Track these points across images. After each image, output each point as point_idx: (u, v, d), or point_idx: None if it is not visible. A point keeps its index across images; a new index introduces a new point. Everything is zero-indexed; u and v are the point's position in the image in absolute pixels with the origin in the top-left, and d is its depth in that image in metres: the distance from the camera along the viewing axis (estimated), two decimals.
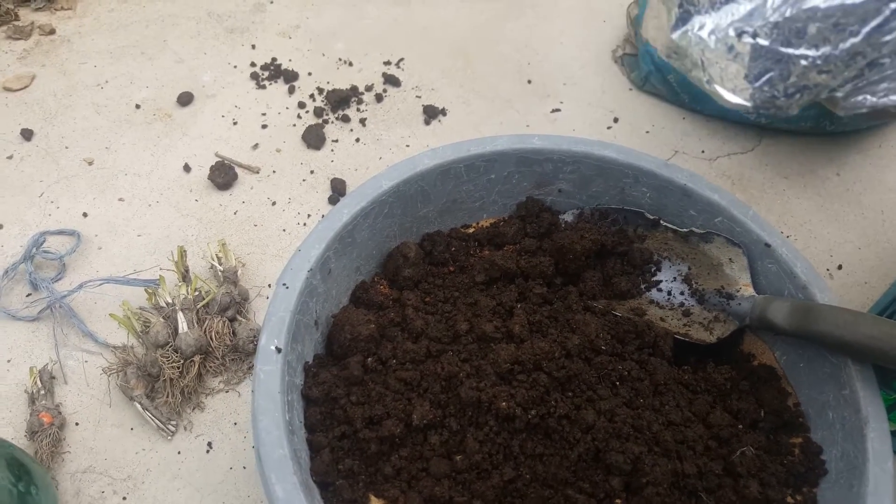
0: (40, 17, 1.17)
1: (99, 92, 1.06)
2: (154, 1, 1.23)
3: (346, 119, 1.05)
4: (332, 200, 0.94)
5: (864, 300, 0.87)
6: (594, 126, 1.06)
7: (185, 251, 0.83)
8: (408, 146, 1.02)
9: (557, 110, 1.09)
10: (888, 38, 0.28)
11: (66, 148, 0.99)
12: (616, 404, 0.55)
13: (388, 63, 1.14)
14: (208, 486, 0.69)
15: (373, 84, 1.10)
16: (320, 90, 1.08)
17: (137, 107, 1.05)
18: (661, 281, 0.68)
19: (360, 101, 1.08)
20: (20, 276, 0.84)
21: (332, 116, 1.05)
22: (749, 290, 0.63)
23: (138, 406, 0.73)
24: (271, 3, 1.24)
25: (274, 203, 0.94)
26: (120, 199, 0.93)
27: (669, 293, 0.67)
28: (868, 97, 0.30)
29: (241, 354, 0.77)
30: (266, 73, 1.10)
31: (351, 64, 1.14)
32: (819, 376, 0.59)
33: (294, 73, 1.10)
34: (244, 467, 0.71)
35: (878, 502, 0.49)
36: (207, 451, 0.72)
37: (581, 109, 1.09)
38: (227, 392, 0.76)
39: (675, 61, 0.34)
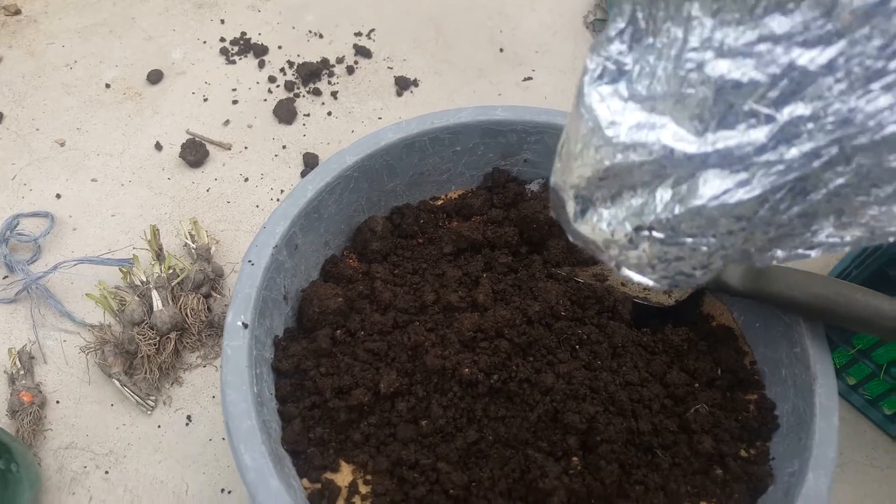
0: None
1: (68, 72, 1.06)
2: None
3: (317, 92, 1.05)
4: (305, 175, 0.94)
5: (828, 259, 0.89)
6: (566, 93, 1.07)
7: (157, 230, 0.83)
8: (380, 118, 1.03)
9: (530, 78, 1.09)
10: (775, 220, 0.29)
11: (37, 130, 0.99)
12: (574, 367, 0.57)
13: (359, 34, 1.14)
14: (188, 458, 0.71)
15: (344, 56, 1.10)
16: (291, 63, 1.08)
17: (107, 86, 1.04)
18: None
19: (331, 74, 1.07)
20: None
21: (303, 90, 1.05)
22: None
23: (117, 383, 0.74)
24: None
25: (246, 179, 0.94)
26: (93, 180, 0.93)
27: None
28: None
29: (217, 330, 0.79)
30: (236, 48, 1.10)
31: (321, 36, 1.14)
32: (773, 335, 0.61)
33: (264, 48, 1.09)
34: (223, 438, 0.73)
35: (824, 453, 0.51)
36: (187, 424, 0.73)
37: (553, 76, 1.10)
38: (204, 367, 0.77)
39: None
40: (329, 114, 1.03)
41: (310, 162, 0.95)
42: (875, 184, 0.28)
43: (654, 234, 0.32)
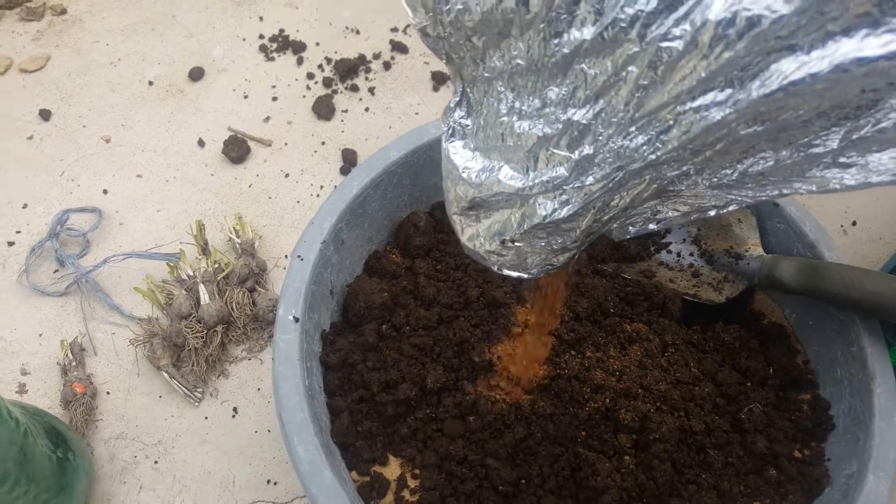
0: None
1: (112, 70, 1.08)
2: None
3: (354, 88, 1.05)
4: (344, 171, 0.95)
5: (879, 255, 0.87)
6: None
7: (203, 225, 0.85)
8: (417, 114, 1.03)
9: None
10: (595, 225, 0.40)
11: (84, 127, 1.00)
12: (625, 364, 0.56)
13: (395, 30, 1.14)
14: (235, 449, 0.72)
15: (380, 52, 1.10)
16: (328, 60, 1.09)
17: (150, 83, 1.06)
18: (670, 243, 0.68)
19: (368, 70, 1.08)
20: (47, 254, 0.87)
21: (340, 86, 1.05)
22: (758, 250, 0.64)
23: (165, 375, 0.75)
24: None
25: (287, 175, 0.95)
26: (138, 176, 0.95)
27: (679, 255, 0.68)
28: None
29: (262, 323, 0.79)
30: (274, 45, 1.10)
31: (358, 32, 1.14)
32: (827, 333, 0.60)
33: (302, 44, 1.10)
34: (268, 430, 0.73)
35: (884, 454, 0.50)
36: (233, 416, 0.74)
37: None
38: (249, 360, 0.78)
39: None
40: (367, 109, 1.03)
41: (348, 158, 0.95)
42: (669, 185, 0.37)
43: (516, 244, 0.42)
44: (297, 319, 0.55)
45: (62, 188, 0.94)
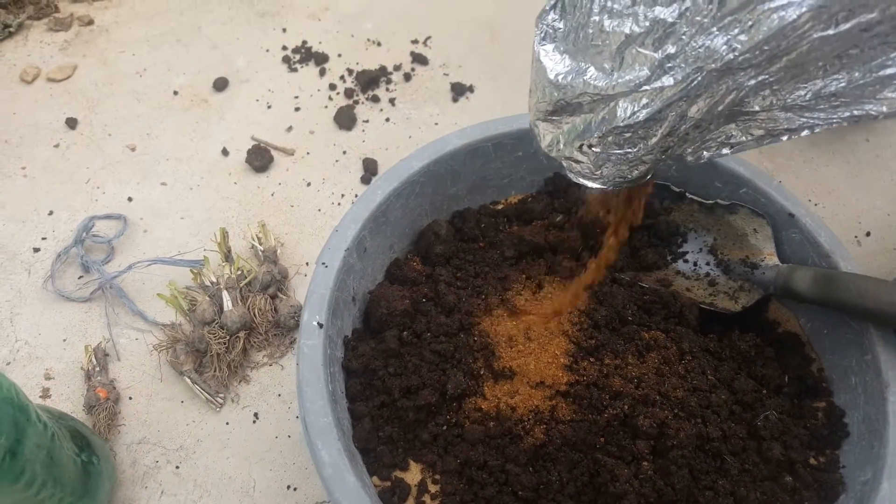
0: (79, 9, 1.21)
1: (138, 80, 1.10)
2: None
3: (375, 99, 1.07)
4: (365, 180, 0.96)
5: (893, 266, 0.88)
6: None
7: (226, 232, 0.86)
8: (436, 124, 1.04)
9: None
10: (683, 126, 0.42)
11: (110, 135, 1.03)
12: (643, 371, 0.57)
13: (415, 42, 1.16)
14: (256, 455, 0.74)
15: (401, 63, 1.12)
16: (350, 71, 1.11)
17: (175, 93, 1.08)
18: (687, 252, 0.69)
19: (388, 81, 1.10)
20: (72, 260, 0.89)
21: (362, 97, 1.07)
22: (773, 260, 0.64)
23: (188, 380, 0.77)
24: None
25: (309, 184, 0.97)
26: (163, 184, 0.97)
27: (695, 264, 0.69)
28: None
29: (283, 330, 0.81)
30: (297, 56, 1.13)
31: (379, 44, 1.16)
32: (842, 342, 0.60)
33: (324, 56, 1.12)
34: (289, 436, 0.75)
35: None
36: (254, 422, 0.76)
37: None
38: (270, 366, 0.80)
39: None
40: (387, 120, 1.05)
41: (369, 167, 0.97)
42: (746, 101, 0.39)
43: (594, 149, 0.44)
44: (321, 325, 0.56)
45: (88, 195, 0.96)
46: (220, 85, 1.08)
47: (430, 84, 1.10)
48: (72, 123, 1.03)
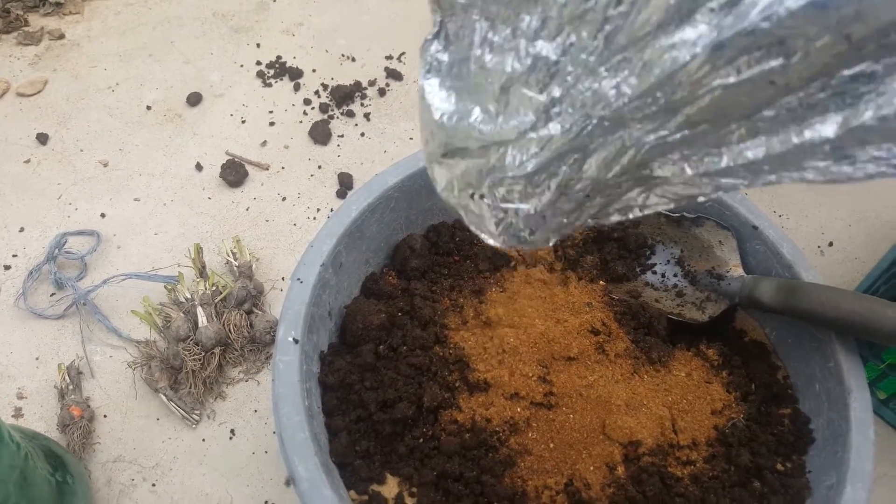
0: (49, 22, 1.21)
1: (110, 94, 1.10)
2: (160, 2, 1.26)
3: (350, 114, 1.08)
4: (340, 194, 0.97)
5: (855, 275, 0.90)
6: None
7: (201, 248, 0.86)
8: (411, 139, 1.05)
9: None
10: (579, 185, 0.36)
11: (82, 151, 1.02)
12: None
13: (389, 57, 1.17)
14: (233, 471, 0.74)
15: (375, 79, 1.13)
16: (325, 86, 1.11)
17: (148, 108, 1.08)
18: (655, 264, 0.71)
19: (363, 96, 1.11)
20: (44, 277, 0.88)
21: (336, 112, 1.08)
22: (738, 271, 0.66)
23: (163, 397, 0.77)
24: (274, 1, 1.27)
25: (284, 198, 0.97)
26: (136, 199, 0.97)
27: (664, 275, 0.70)
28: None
29: (259, 345, 0.81)
30: (271, 71, 1.13)
31: (354, 59, 1.17)
32: (806, 350, 0.62)
33: (299, 71, 1.13)
34: (266, 452, 0.75)
35: (861, 466, 0.52)
36: (230, 438, 0.76)
37: None
38: (246, 381, 0.80)
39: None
40: (362, 135, 1.06)
41: (344, 181, 0.98)
42: (651, 163, 0.34)
43: (485, 200, 0.39)
44: (296, 341, 0.57)
45: (60, 212, 0.95)
46: (194, 100, 1.08)
47: (404, 99, 1.11)
48: (43, 139, 1.03)
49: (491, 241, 0.42)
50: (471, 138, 0.38)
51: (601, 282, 0.70)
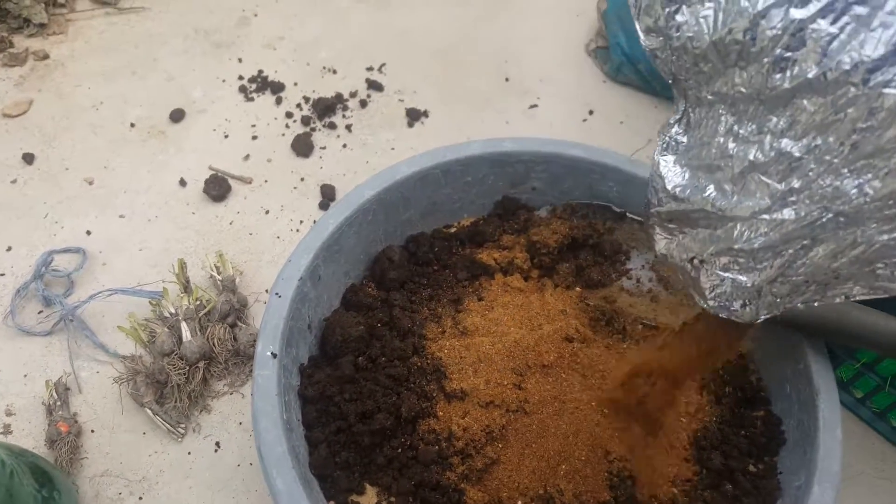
0: (34, 43, 1.21)
1: (95, 113, 1.11)
2: (142, 21, 1.26)
3: (332, 126, 1.09)
4: (323, 206, 0.98)
5: None
6: (570, 119, 1.10)
7: (185, 263, 0.87)
8: (393, 149, 1.06)
9: (535, 106, 1.13)
10: (801, 270, 0.39)
11: (67, 169, 1.03)
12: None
13: (370, 69, 1.18)
14: (218, 483, 0.74)
15: (357, 90, 1.14)
16: (307, 99, 1.12)
17: (132, 125, 1.09)
18: (630, 269, 0.72)
19: (345, 108, 1.12)
20: (31, 295, 0.89)
21: (319, 124, 1.09)
22: None
23: (149, 412, 0.77)
24: (255, 16, 1.28)
25: (267, 212, 0.98)
26: (121, 216, 0.97)
27: (638, 280, 0.72)
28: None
29: (243, 358, 0.82)
30: (253, 86, 1.14)
31: (335, 72, 1.18)
32: (778, 353, 0.63)
33: (280, 84, 1.14)
34: (251, 464, 0.75)
35: (828, 467, 0.53)
36: (216, 451, 0.76)
37: (557, 104, 1.13)
38: (231, 394, 0.81)
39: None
40: (344, 146, 1.07)
41: (327, 193, 0.99)
42: (879, 261, 0.36)
43: (704, 265, 0.44)
44: (275, 355, 0.58)
45: (46, 230, 0.96)
46: (177, 116, 1.09)
47: (385, 110, 1.12)
48: (29, 159, 1.03)
49: (701, 303, 0.46)
50: (702, 210, 0.42)
51: (577, 288, 0.71)
